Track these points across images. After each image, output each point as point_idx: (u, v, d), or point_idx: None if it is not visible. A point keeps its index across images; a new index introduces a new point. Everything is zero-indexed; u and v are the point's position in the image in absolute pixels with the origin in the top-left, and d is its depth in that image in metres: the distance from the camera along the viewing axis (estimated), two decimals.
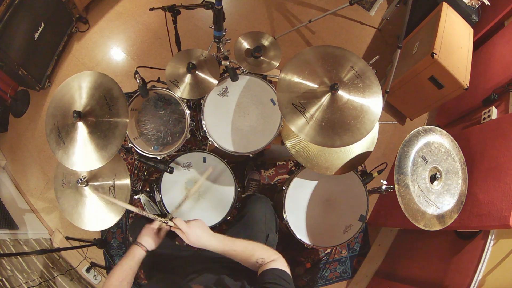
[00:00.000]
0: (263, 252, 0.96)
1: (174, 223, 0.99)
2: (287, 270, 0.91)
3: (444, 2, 2.11)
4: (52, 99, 1.28)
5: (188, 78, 1.47)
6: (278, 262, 0.94)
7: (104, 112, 1.22)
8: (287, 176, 2.18)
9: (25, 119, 2.27)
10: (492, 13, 2.18)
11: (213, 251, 0.98)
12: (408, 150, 1.37)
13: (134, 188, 1.93)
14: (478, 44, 2.21)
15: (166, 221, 1.02)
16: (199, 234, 0.98)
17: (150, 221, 1.47)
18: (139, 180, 2.06)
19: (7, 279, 1.51)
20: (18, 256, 1.68)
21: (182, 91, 1.46)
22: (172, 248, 1.34)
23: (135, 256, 0.99)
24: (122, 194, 1.34)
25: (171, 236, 1.52)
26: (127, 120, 1.21)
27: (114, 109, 1.22)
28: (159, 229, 1.07)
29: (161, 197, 1.50)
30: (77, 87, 1.26)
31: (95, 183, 1.35)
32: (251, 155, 1.53)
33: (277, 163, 2.22)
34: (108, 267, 1.99)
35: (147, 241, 1.03)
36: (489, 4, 2.20)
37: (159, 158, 1.52)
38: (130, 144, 1.52)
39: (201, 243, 0.97)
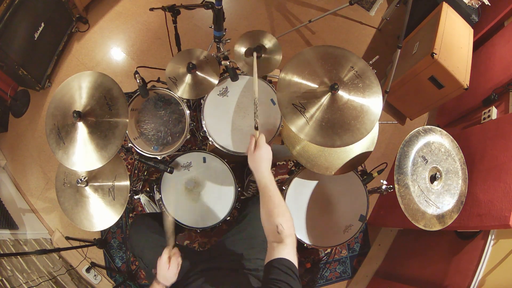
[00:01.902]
0: (287, 222, 0.94)
1: (257, 136, 1.07)
2: (294, 259, 0.89)
3: (444, 2, 2.11)
4: (52, 99, 1.28)
5: (188, 78, 1.47)
6: (288, 246, 0.90)
7: (104, 112, 1.22)
8: (287, 176, 2.18)
9: (25, 119, 2.27)
10: (492, 13, 2.18)
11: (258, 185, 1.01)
12: (408, 150, 1.37)
13: (134, 188, 1.93)
14: (478, 44, 2.21)
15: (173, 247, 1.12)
16: (266, 156, 1.03)
17: (153, 218, 1.49)
18: (139, 180, 2.06)
19: (7, 279, 1.51)
20: (18, 256, 1.68)
21: (182, 91, 1.46)
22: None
23: None
24: (122, 195, 1.34)
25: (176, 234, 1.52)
26: (127, 120, 1.21)
27: (114, 109, 1.22)
28: (169, 258, 1.09)
29: (161, 197, 1.50)
30: (77, 87, 1.26)
31: (95, 184, 1.35)
32: None
33: (277, 163, 2.22)
34: (108, 267, 1.99)
35: (165, 277, 1.06)
36: (489, 4, 2.20)
37: (159, 158, 1.52)
38: (130, 144, 1.52)
39: (260, 162, 1.02)
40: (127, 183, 1.34)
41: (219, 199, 1.53)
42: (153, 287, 1.06)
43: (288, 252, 0.88)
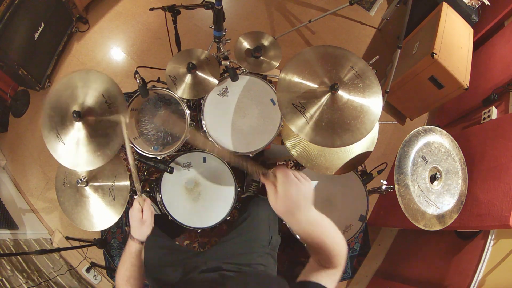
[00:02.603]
0: (336, 258, 0.75)
1: (266, 174, 0.73)
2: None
3: (444, 2, 2.11)
4: (47, 101, 1.25)
5: (188, 78, 1.47)
6: (328, 275, 0.75)
7: (103, 111, 1.22)
8: None
9: (25, 119, 2.27)
10: (492, 13, 2.18)
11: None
12: (408, 150, 1.37)
13: (134, 188, 1.93)
14: (478, 44, 2.21)
15: (141, 194, 0.96)
16: (305, 195, 0.70)
17: (158, 219, 1.47)
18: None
19: (7, 279, 1.51)
20: (18, 256, 1.68)
21: (182, 91, 1.46)
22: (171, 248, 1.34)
23: (131, 252, 0.94)
24: (122, 195, 1.34)
25: (172, 236, 1.50)
26: (127, 116, 1.21)
27: (113, 106, 1.22)
28: (142, 211, 0.96)
29: (161, 197, 1.50)
30: (73, 87, 1.26)
31: (95, 183, 1.35)
32: (251, 155, 1.53)
33: (277, 163, 2.22)
34: (108, 267, 1.99)
35: (136, 232, 0.95)
36: (489, 4, 2.20)
37: (159, 158, 1.52)
38: (130, 144, 1.52)
39: (291, 215, 0.69)
40: (127, 183, 1.34)
41: (219, 199, 1.54)
42: (128, 245, 0.94)
43: (327, 282, 0.73)
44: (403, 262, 1.99)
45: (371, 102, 1.23)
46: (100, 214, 1.34)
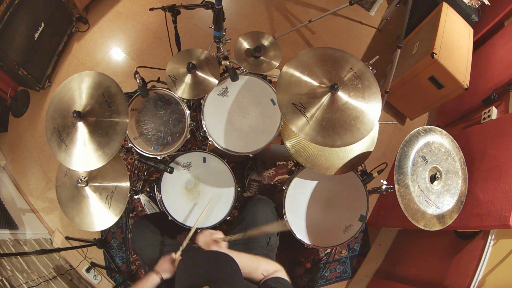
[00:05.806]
0: (267, 265, 1.03)
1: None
2: (288, 280, 0.99)
3: (444, 2, 2.11)
4: (50, 103, 1.27)
5: (188, 78, 1.47)
6: (280, 272, 1.01)
7: (103, 110, 1.22)
8: (287, 176, 2.18)
9: (25, 119, 2.27)
10: (492, 13, 2.18)
11: None
12: (408, 150, 1.37)
13: (134, 188, 1.93)
14: (478, 44, 2.21)
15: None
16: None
17: (154, 219, 1.49)
18: (139, 180, 2.06)
19: (7, 279, 1.51)
20: (18, 256, 1.68)
21: (182, 91, 1.46)
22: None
23: (151, 283, 1.06)
24: (122, 196, 1.34)
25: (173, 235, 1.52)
26: (127, 116, 1.22)
27: (114, 105, 1.22)
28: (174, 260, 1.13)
29: (161, 197, 1.50)
30: (75, 88, 1.26)
31: (95, 184, 1.35)
32: (251, 155, 1.53)
33: (277, 163, 2.22)
34: (108, 267, 1.99)
35: (165, 270, 1.09)
36: (489, 4, 2.20)
37: (159, 158, 1.52)
38: (130, 144, 1.52)
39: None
40: (127, 183, 1.34)
41: (219, 199, 1.53)
42: (149, 276, 1.07)
43: (281, 275, 0.99)
44: (403, 262, 1.99)
45: (371, 102, 1.23)
46: (100, 214, 1.34)
